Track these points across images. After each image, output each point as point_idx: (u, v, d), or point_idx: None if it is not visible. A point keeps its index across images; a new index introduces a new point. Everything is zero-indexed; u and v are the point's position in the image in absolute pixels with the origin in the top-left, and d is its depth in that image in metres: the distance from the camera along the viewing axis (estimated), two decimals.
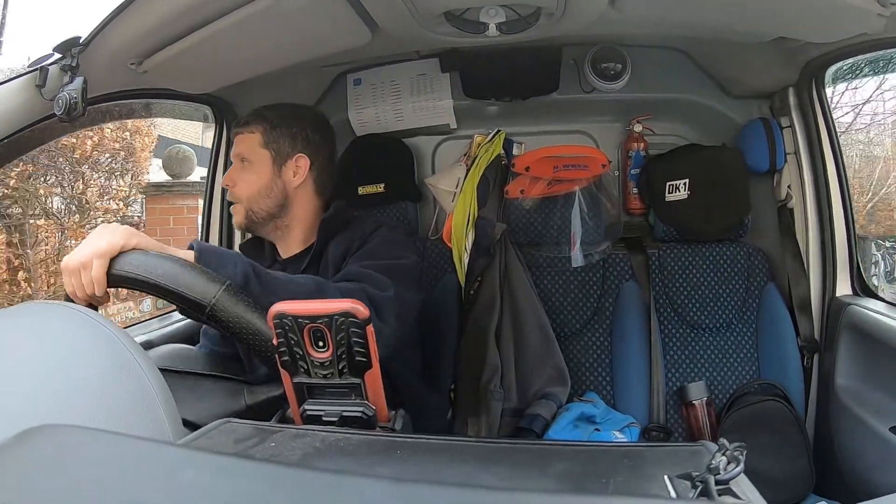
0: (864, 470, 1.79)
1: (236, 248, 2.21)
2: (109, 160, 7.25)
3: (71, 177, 7.03)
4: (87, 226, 6.77)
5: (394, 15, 1.56)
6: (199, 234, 2.29)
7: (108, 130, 6.93)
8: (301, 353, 0.87)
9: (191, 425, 0.89)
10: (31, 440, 0.59)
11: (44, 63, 1.40)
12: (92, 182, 7.14)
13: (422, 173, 2.39)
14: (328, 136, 1.82)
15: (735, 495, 0.60)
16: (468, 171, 2.22)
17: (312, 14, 1.51)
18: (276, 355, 0.88)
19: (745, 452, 0.62)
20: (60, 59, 1.40)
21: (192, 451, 0.67)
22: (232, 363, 1.66)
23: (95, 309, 1.21)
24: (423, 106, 2.28)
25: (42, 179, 6.86)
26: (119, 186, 7.32)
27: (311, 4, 1.47)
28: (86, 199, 7.01)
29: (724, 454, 0.62)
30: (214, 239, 2.23)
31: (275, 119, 1.74)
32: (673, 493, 0.60)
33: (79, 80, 1.36)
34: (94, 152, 6.98)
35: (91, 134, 6.66)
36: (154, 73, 1.62)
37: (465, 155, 2.31)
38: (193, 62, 1.63)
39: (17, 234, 6.51)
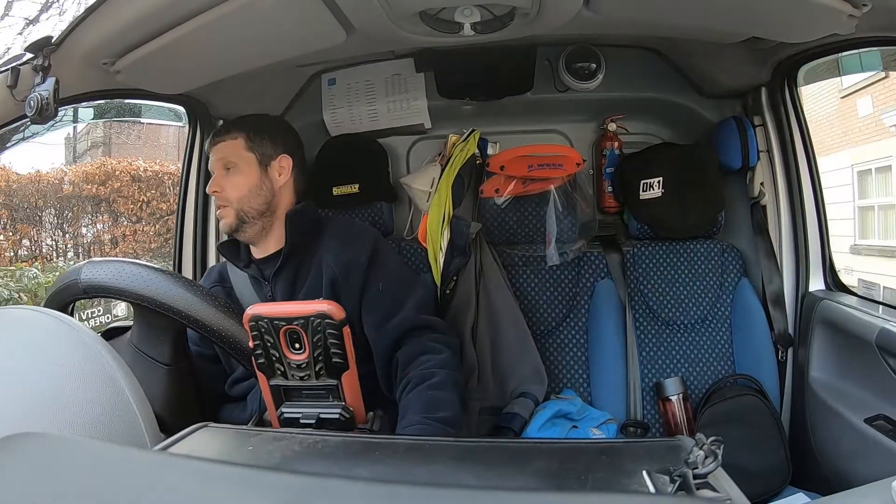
0: (840, 461, 1.82)
1: (211, 250, 2.20)
2: None
3: None
4: None
5: (368, 15, 1.55)
6: (174, 238, 2.26)
7: None
8: (277, 355, 0.86)
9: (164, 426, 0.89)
10: (8, 448, 0.59)
11: (15, 63, 1.37)
12: None
13: (396, 173, 2.39)
14: (299, 139, 1.89)
15: (713, 489, 0.60)
16: (443, 170, 2.22)
17: (287, 14, 1.50)
18: (253, 358, 0.87)
19: (721, 446, 0.62)
20: (32, 59, 1.37)
21: (169, 456, 0.67)
22: (211, 363, 1.68)
23: (71, 314, 1.20)
24: (397, 106, 2.27)
25: None
26: None
27: (285, 4, 1.45)
28: None
29: (701, 448, 0.62)
30: (189, 242, 2.20)
31: (254, 125, 1.81)
32: (652, 488, 0.61)
33: (50, 81, 1.34)
34: None
35: None
36: (127, 74, 1.59)
37: (439, 155, 2.30)
38: (167, 62, 1.61)
39: None
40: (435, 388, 1.50)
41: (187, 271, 2.18)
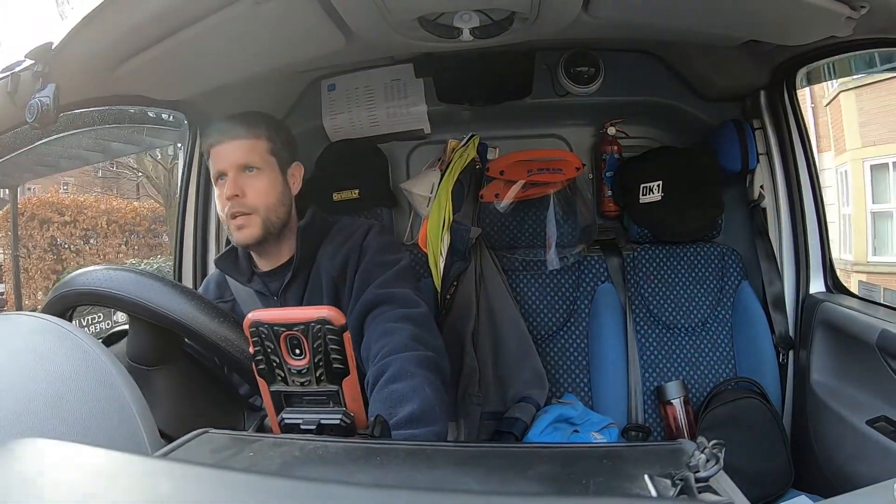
0: (842, 463, 1.81)
1: (211, 258, 2.19)
2: None
3: None
4: None
5: (368, 21, 1.55)
6: (174, 251, 2.25)
7: None
8: (278, 361, 0.86)
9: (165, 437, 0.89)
10: (7, 455, 0.58)
11: (15, 69, 1.37)
12: None
13: (396, 178, 2.39)
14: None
15: (715, 492, 0.60)
16: (443, 175, 2.22)
17: (286, 20, 1.50)
18: (253, 364, 0.87)
19: (723, 450, 0.62)
20: (32, 65, 1.37)
21: (169, 462, 0.67)
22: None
23: (70, 320, 1.20)
24: (397, 111, 2.27)
25: None
26: None
27: (285, 11, 1.45)
28: None
29: (703, 452, 0.62)
30: (189, 250, 2.19)
31: (273, 125, 1.69)
32: (654, 492, 0.61)
33: (50, 87, 1.34)
34: None
35: None
36: (127, 80, 1.59)
37: (439, 160, 2.31)
38: (167, 68, 1.60)
39: None
40: (392, 381, 1.34)
41: (187, 279, 2.18)
